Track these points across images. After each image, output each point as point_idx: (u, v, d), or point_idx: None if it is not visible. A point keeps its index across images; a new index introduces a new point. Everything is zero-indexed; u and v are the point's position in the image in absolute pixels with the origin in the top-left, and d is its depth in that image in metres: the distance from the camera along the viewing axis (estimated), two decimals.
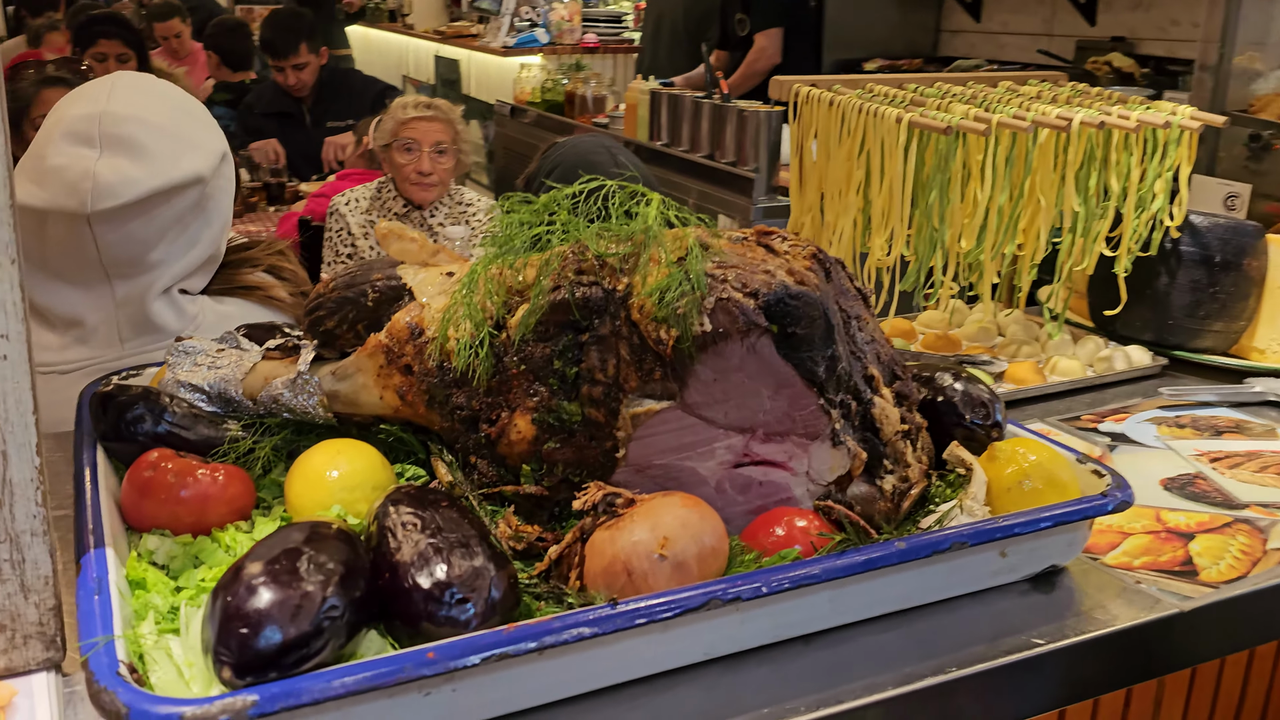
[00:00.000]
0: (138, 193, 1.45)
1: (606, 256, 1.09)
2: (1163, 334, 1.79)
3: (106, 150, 1.45)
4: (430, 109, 3.13)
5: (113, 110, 1.49)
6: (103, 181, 1.43)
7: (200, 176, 1.52)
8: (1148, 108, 1.70)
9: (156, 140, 1.48)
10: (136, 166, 1.46)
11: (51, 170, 1.45)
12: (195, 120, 1.60)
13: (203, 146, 1.56)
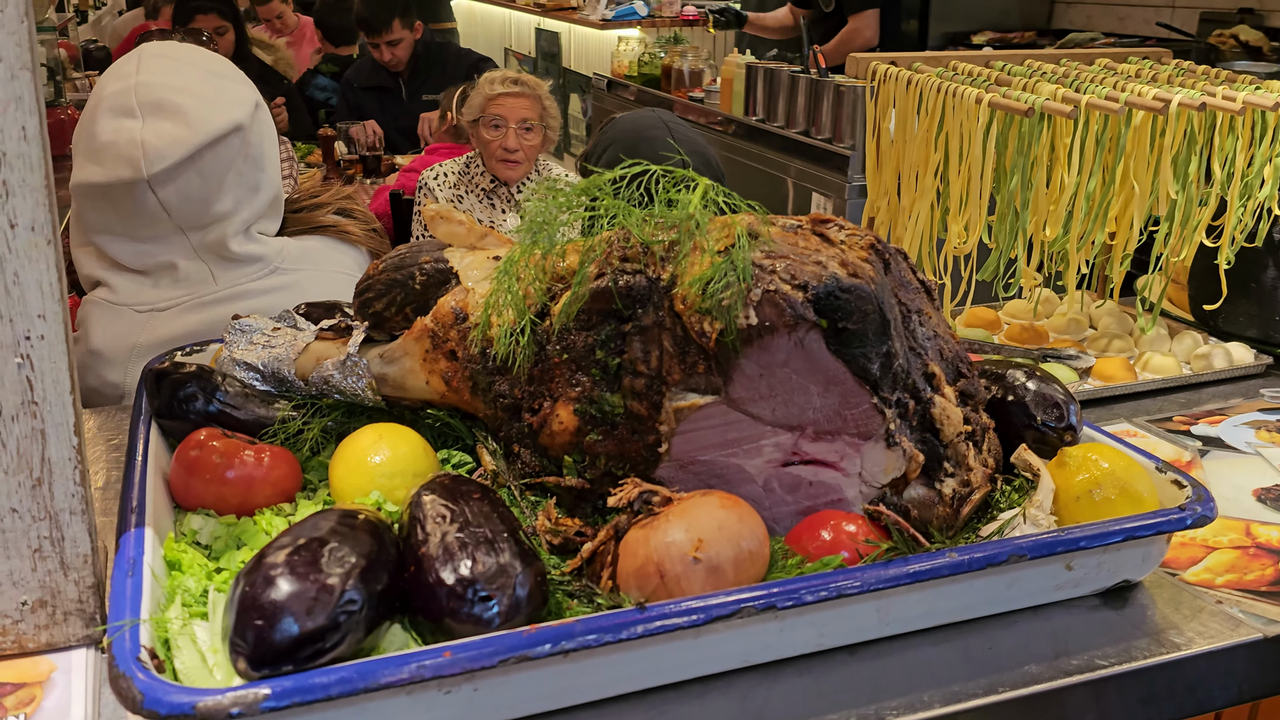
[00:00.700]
0: (186, 150, 1.53)
1: (651, 244, 1.05)
2: (1268, 331, 1.67)
3: (148, 117, 1.54)
4: (518, 85, 3.11)
5: (144, 80, 1.57)
6: (152, 146, 1.52)
7: (239, 124, 1.60)
8: (1257, 88, 1.57)
9: (191, 100, 1.57)
10: (179, 127, 1.54)
11: (103, 146, 1.54)
12: (223, 78, 1.68)
13: (235, 98, 1.64)
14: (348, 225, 1.85)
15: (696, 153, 1.85)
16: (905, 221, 1.54)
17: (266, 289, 1.69)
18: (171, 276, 1.64)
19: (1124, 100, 1.44)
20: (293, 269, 1.72)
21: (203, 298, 1.64)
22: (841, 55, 4.70)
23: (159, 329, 1.63)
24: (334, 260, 1.80)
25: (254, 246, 1.67)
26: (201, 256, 1.64)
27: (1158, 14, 5.02)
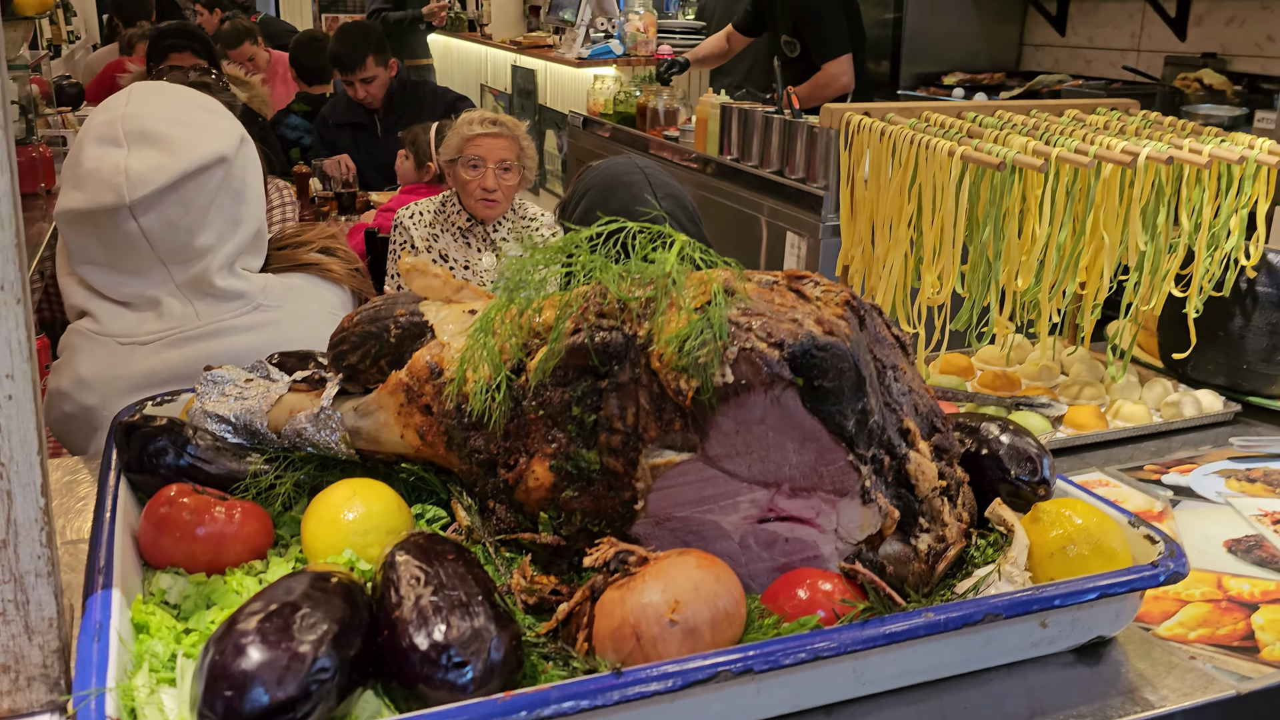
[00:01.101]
0: (168, 177, 1.54)
1: (627, 300, 1.05)
2: (1237, 379, 1.69)
3: (133, 146, 1.55)
4: (496, 125, 3.13)
5: (132, 111, 1.59)
6: (134, 172, 1.53)
7: (223, 155, 1.61)
8: (1223, 140, 1.60)
9: (176, 129, 1.59)
10: (162, 155, 1.55)
11: (88, 173, 1.55)
12: (210, 111, 1.70)
13: (221, 130, 1.65)
14: (330, 264, 1.85)
15: (672, 197, 1.86)
16: (879, 271, 1.55)
17: (248, 326, 1.69)
18: (154, 310, 1.64)
19: (1093, 153, 1.46)
20: (275, 306, 1.72)
21: (185, 333, 1.64)
22: (817, 99, 4.71)
23: (140, 362, 1.62)
24: (316, 298, 1.80)
25: (237, 282, 1.67)
26: (184, 292, 1.64)
27: (1123, 58, 5.11)
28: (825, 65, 4.60)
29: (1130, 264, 1.57)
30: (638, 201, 1.82)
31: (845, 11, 4.60)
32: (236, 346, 1.66)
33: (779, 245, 3.95)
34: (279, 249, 1.83)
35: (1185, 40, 4.78)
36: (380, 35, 4.58)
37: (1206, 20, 4.70)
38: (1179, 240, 1.59)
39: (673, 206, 1.83)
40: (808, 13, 4.58)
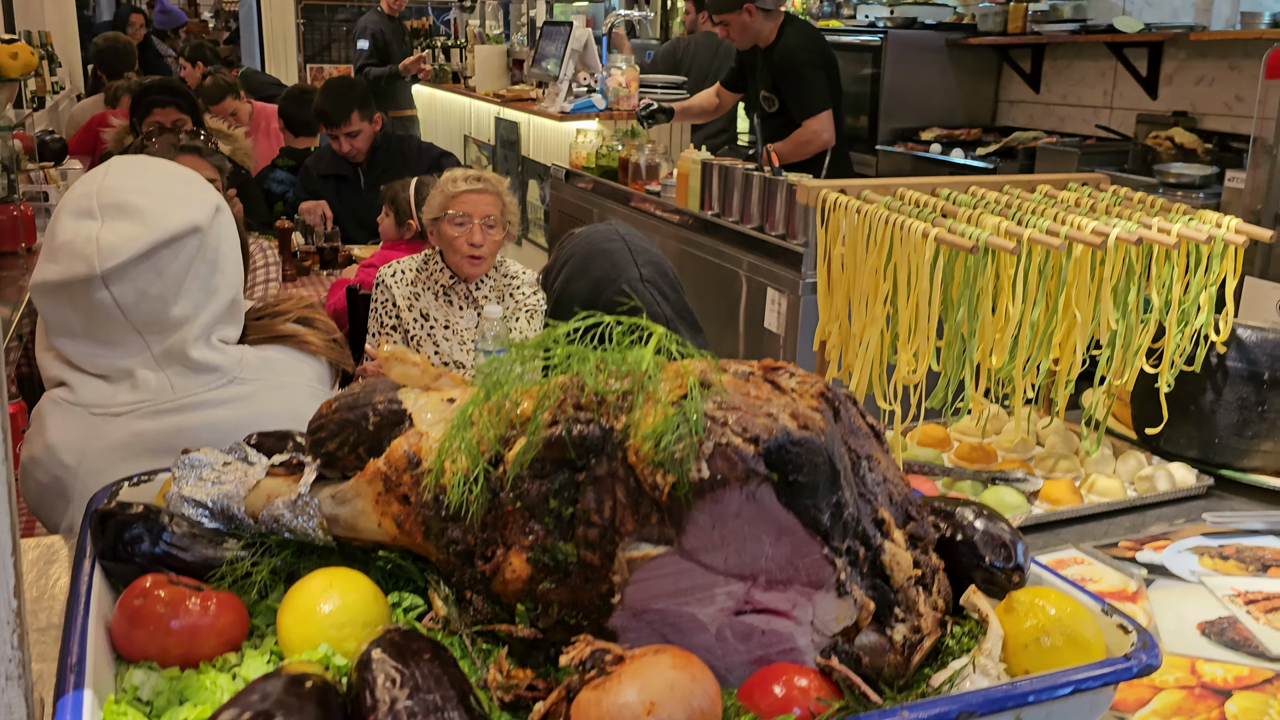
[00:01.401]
0: (140, 247, 1.55)
1: (604, 394, 1.06)
2: (1209, 452, 1.71)
3: (107, 218, 1.57)
4: (480, 182, 3.14)
5: (108, 184, 1.61)
6: (106, 243, 1.54)
7: (196, 225, 1.62)
8: (1191, 218, 1.63)
9: (150, 200, 1.60)
10: (135, 225, 1.57)
11: (61, 245, 1.57)
12: (185, 182, 1.72)
13: (195, 200, 1.67)
14: (308, 335, 1.85)
15: (653, 264, 1.88)
16: (856, 348, 1.56)
17: (223, 399, 1.68)
18: (129, 382, 1.64)
19: (1064, 234, 1.49)
20: (251, 379, 1.72)
21: (158, 406, 1.64)
22: (800, 155, 4.76)
23: (113, 433, 1.62)
24: (293, 371, 1.80)
25: (213, 355, 1.67)
26: (160, 364, 1.64)
27: (1096, 114, 5.21)
28: (806, 121, 4.65)
29: (1102, 341, 1.59)
30: (618, 269, 1.84)
31: (824, 68, 4.65)
32: (211, 420, 1.66)
33: (759, 301, 3.98)
34: (256, 319, 1.83)
35: (1156, 99, 4.88)
36: (365, 90, 4.61)
37: (1176, 79, 4.80)
38: (1150, 316, 1.62)
39: (653, 273, 1.85)
40: (787, 70, 4.64)
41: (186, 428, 1.63)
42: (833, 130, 4.63)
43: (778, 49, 4.68)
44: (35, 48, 6.33)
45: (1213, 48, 4.57)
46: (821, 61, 4.64)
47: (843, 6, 6.22)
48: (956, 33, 5.57)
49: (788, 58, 4.63)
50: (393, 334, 3.23)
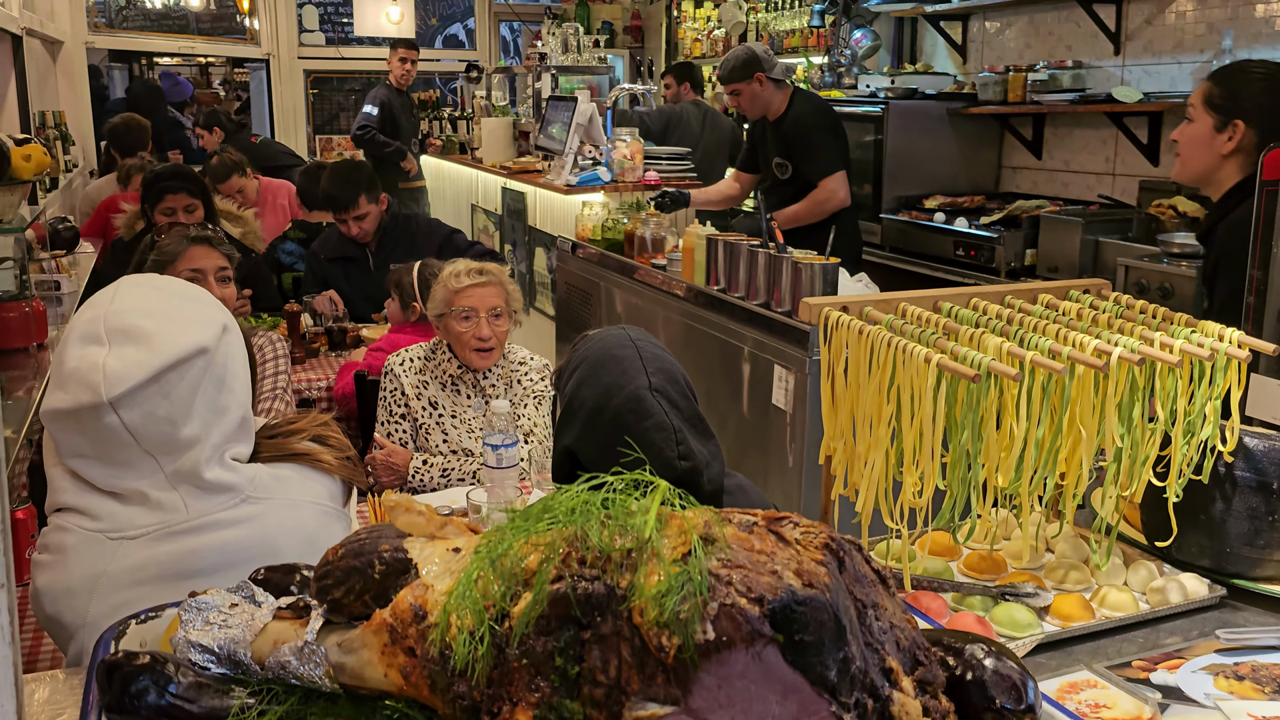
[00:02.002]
0: (146, 373, 1.56)
1: (609, 550, 1.07)
2: (1221, 562, 1.70)
3: (114, 344, 1.58)
4: (483, 275, 3.18)
5: (115, 309, 1.63)
6: (112, 371, 1.55)
7: (203, 347, 1.63)
8: (1193, 330, 1.64)
9: (157, 324, 1.62)
10: (140, 351, 1.58)
11: (69, 374, 1.58)
12: (193, 302, 1.74)
13: (202, 321, 1.68)
14: (322, 453, 1.85)
15: (663, 371, 1.87)
16: (861, 468, 1.57)
17: (236, 519, 1.68)
18: (143, 504, 1.64)
19: (1066, 355, 1.49)
20: (264, 498, 1.72)
21: (173, 527, 1.63)
22: (818, 214, 4.84)
23: (128, 557, 1.62)
24: (307, 489, 1.79)
25: (226, 475, 1.68)
26: (174, 484, 1.64)
27: (1099, 181, 5.24)
28: (823, 181, 4.78)
29: (1108, 455, 1.59)
30: (627, 377, 1.84)
31: (835, 133, 4.84)
32: (225, 540, 1.66)
33: (767, 377, 3.98)
34: (269, 437, 1.83)
35: (1158, 165, 4.91)
36: (371, 174, 4.67)
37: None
38: (1156, 426, 1.61)
39: (662, 381, 1.85)
40: (800, 135, 4.80)
41: (201, 548, 1.63)
42: (848, 190, 4.78)
43: (789, 117, 4.86)
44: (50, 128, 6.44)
45: None
46: (832, 126, 4.83)
47: (844, 76, 6.30)
48: (957, 102, 5.63)
49: (799, 123, 4.81)
50: (401, 422, 3.25)
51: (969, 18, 6.01)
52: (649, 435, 1.76)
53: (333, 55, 10.01)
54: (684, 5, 8.36)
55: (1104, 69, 5.16)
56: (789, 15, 7.07)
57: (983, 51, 5.98)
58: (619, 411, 1.81)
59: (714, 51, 7.93)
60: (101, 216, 5.47)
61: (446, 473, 3.14)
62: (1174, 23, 4.82)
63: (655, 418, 1.77)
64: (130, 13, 10.19)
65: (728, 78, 4.88)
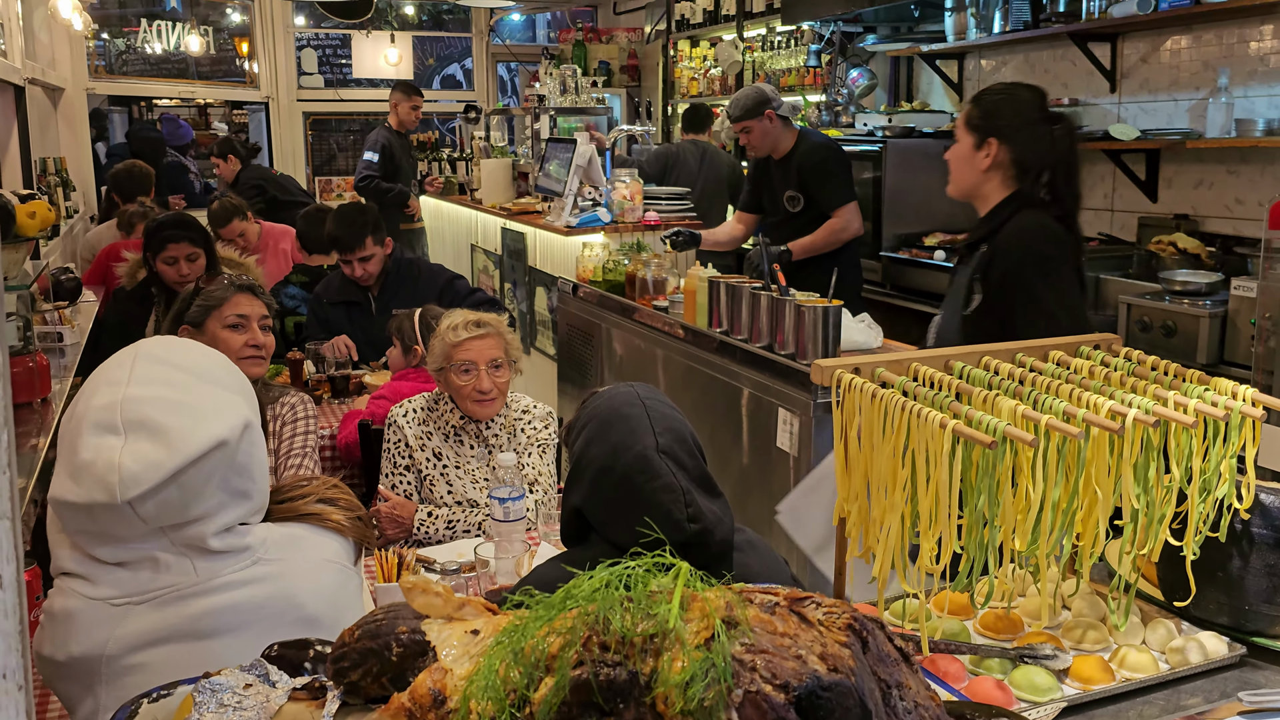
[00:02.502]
0: (163, 475, 1.53)
1: (631, 635, 1.05)
2: (1239, 619, 1.68)
3: (130, 436, 1.54)
4: (481, 327, 3.17)
5: (132, 394, 1.58)
6: (128, 471, 1.52)
7: (222, 441, 1.59)
8: (1206, 388, 1.64)
9: (176, 417, 1.57)
10: (158, 449, 1.54)
11: (82, 465, 1.54)
12: (216, 385, 1.69)
13: (223, 412, 1.63)
14: (332, 513, 1.83)
15: (671, 431, 1.86)
16: (876, 532, 1.56)
17: (248, 580, 1.66)
18: (151, 569, 1.62)
19: (1082, 416, 1.49)
20: (276, 558, 1.70)
21: (182, 590, 1.61)
22: (834, 243, 4.89)
23: (137, 620, 1.59)
24: (318, 548, 1.78)
25: (235, 540, 1.66)
26: (180, 550, 1.62)
27: (1098, 217, 5.26)
28: (838, 211, 4.89)
29: (1125, 514, 1.58)
30: (635, 436, 1.83)
31: (845, 166, 4.98)
32: (238, 600, 1.64)
33: (770, 421, 3.97)
34: (280, 501, 1.82)
35: (1157, 202, 4.93)
36: (376, 216, 4.68)
37: (1175, 183, 4.85)
38: (1171, 485, 1.61)
39: (669, 442, 1.84)
40: (815, 168, 4.92)
41: (213, 610, 1.61)
42: (860, 220, 4.91)
43: (799, 152, 4.98)
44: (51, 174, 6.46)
45: (1209, 154, 4.63)
46: (842, 159, 4.99)
47: (841, 115, 6.34)
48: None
49: (810, 158, 4.93)
50: (405, 474, 3.23)
51: (965, 56, 6.06)
52: (657, 496, 1.75)
53: (331, 97, 10.07)
54: (680, 45, 8.42)
55: (1100, 106, 5.19)
56: (785, 54, 7.13)
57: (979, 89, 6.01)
58: (626, 472, 1.80)
59: (710, 90, 7.99)
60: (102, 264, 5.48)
61: (452, 525, 3.12)
62: (1169, 60, 4.86)
63: (663, 479, 1.76)
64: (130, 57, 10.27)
65: (740, 115, 4.98)
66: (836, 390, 1.64)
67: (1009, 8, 5.36)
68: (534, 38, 11.43)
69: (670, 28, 8.37)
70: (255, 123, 10.63)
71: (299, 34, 9.88)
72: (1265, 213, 4.44)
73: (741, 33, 7.48)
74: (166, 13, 9.65)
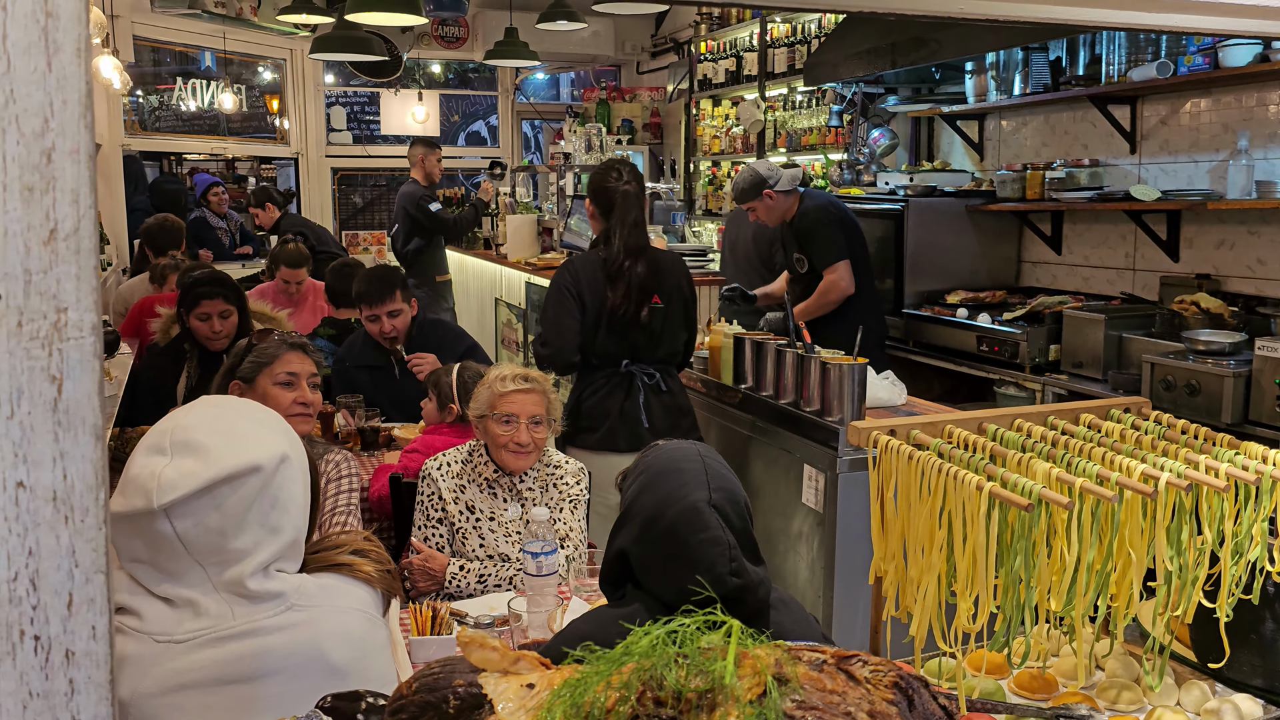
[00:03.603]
0: (197, 483, 1.62)
1: (685, 691, 1.09)
2: (1273, 681, 1.70)
3: (175, 455, 1.66)
4: (528, 382, 3.23)
5: (183, 422, 1.71)
6: (166, 479, 1.62)
7: (257, 465, 1.68)
8: (1237, 452, 1.67)
9: (216, 439, 1.69)
10: (196, 463, 1.65)
11: (130, 480, 1.65)
12: (259, 424, 1.80)
13: (261, 442, 1.74)
14: (363, 565, 1.90)
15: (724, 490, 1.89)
16: (913, 591, 1.59)
17: (282, 625, 1.72)
18: (192, 610, 1.69)
19: (1115, 481, 1.52)
20: (309, 606, 1.76)
21: (219, 632, 1.68)
22: (822, 307, 4.97)
23: (173, 660, 1.66)
24: (350, 597, 1.84)
25: (272, 584, 1.73)
26: (220, 592, 1.69)
27: (1120, 276, 5.30)
28: (825, 272, 5.00)
29: (1158, 577, 1.61)
30: (687, 489, 1.86)
31: (839, 224, 5.07)
32: (271, 645, 1.69)
33: (796, 477, 4.01)
34: (313, 553, 1.88)
35: (1178, 261, 4.97)
36: (404, 278, 4.76)
37: (1197, 243, 4.90)
38: (1204, 547, 1.64)
39: (721, 499, 1.87)
40: (809, 230, 5.08)
41: (247, 654, 1.67)
42: (851, 279, 5.00)
43: (799, 216, 5.16)
44: None
45: (1231, 214, 4.68)
46: (838, 219, 5.08)
47: (863, 174, 6.42)
48: (976, 199, 5.73)
49: (806, 218, 5.10)
50: (439, 527, 3.27)
51: (985, 117, 6.15)
52: (703, 549, 1.78)
53: (360, 154, 10.26)
54: (703, 104, 8.57)
55: (1120, 167, 5.26)
56: (807, 114, 7.24)
57: (999, 149, 6.10)
58: (674, 522, 1.83)
59: (732, 148, 8.11)
60: (136, 318, 5.58)
61: (483, 579, 3.16)
62: (1189, 123, 4.92)
63: (711, 531, 1.80)
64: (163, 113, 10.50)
65: (739, 199, 5.24)
66: (873, 450, 1.68)
67: (1029, 71, 5.46)
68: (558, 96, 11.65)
69: (693, 87, 8.52)
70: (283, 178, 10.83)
71: (329, 91, 10.10)
72: None
73: (764, 93, 7.62)
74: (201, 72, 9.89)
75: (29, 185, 0.92)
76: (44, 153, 0.92)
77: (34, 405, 0.93)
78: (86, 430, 0.94)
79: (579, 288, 4.04)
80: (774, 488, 4.13)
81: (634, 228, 4.08)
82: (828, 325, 4.88)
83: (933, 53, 5.42)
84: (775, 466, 4.13)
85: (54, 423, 0.93)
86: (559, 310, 4.07)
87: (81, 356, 0.94)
